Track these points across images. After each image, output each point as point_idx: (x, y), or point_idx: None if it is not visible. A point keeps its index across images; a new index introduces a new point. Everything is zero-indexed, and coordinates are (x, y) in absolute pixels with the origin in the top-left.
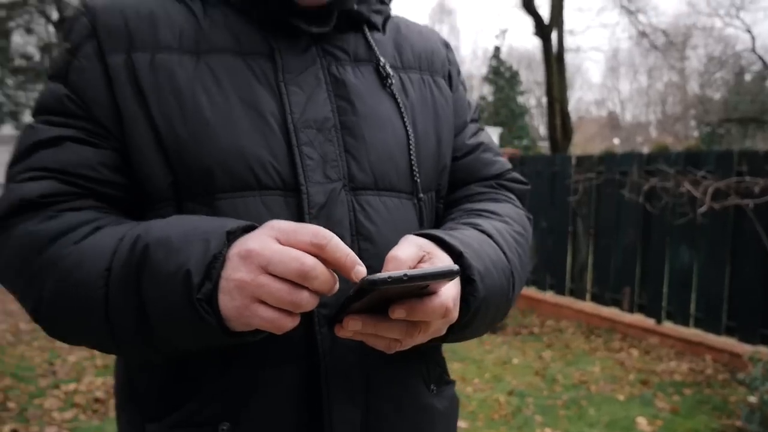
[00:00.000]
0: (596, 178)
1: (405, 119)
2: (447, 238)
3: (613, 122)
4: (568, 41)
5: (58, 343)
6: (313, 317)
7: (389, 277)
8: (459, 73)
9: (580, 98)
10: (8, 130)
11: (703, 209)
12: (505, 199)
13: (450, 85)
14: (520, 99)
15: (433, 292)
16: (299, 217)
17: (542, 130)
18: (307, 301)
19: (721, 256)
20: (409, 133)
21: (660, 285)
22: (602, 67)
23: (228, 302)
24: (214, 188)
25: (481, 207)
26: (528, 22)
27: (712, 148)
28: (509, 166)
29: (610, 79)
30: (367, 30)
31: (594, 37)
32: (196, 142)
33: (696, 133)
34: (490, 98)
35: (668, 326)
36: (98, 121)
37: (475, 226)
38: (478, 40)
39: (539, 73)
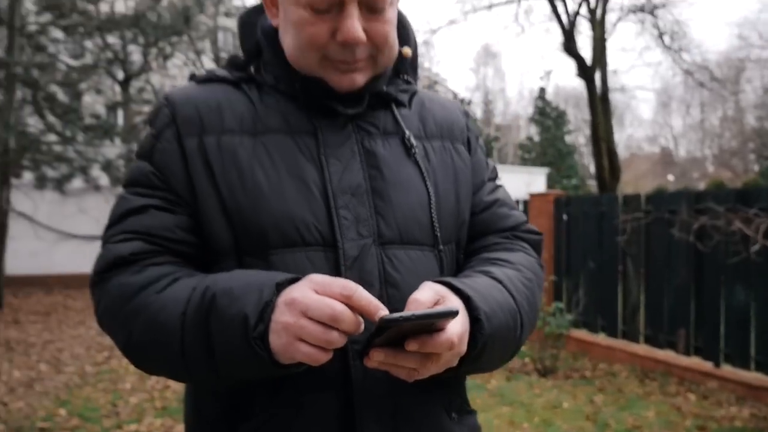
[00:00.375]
0: (644, 218)
1: (427, 183)
2: (458, 284)
3: (666, 158)
4: (613, 81)
5: (121, 385)
6: (347, 352)
7: (401, 317)
8: (477, 138)
9: (631, 135)
10: (78, 183)
11: (756, 248)
12: (518, 249)
13: (469, 149)
14: (568, 138)
15: (440, 329)
16: (336, 269)
17: (592, 168)
18: (337, 339)
19: None
20: (431, 194)
21: (717, 326)
22: (653, 104)
23: (276, 340)
24: (267, 246)
25: (496, 256)
26: (572, 62)
27: (763, 185)
28: (524, 218)
29: (661, 115)
30: (394, 107)
31: (640, 75)
32: (254, 209)
33: (756, 167)
34: (537, 138)
35: (727, 369)
36: (176, 192)
37: (487, 273)
38: (523, 81)
39: (588, 112)
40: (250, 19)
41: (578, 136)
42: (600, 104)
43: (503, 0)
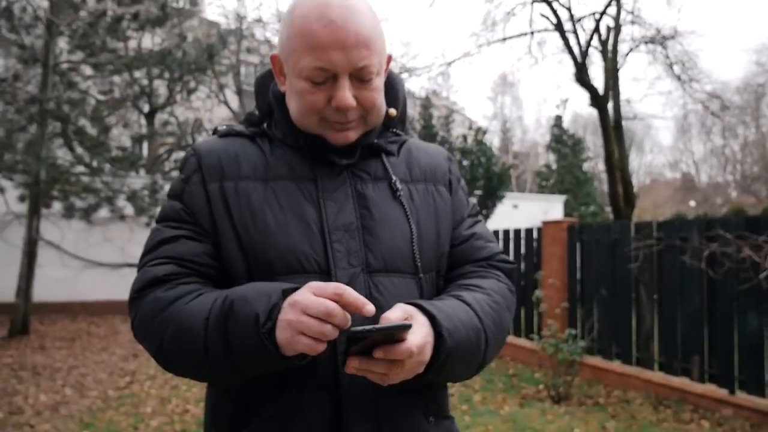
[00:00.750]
0: (656, 245)
1: (410, 220)
2: (425, 304)
3: (687, 184)
4: (626, 110)
5: (142, 409)
6: (338, 361)
7: (364, 329)
8: (459, 180)
9: (651, 162)
10: (104, 213)
11: (765, 274)
12: (491, 276)
13: (450, 190)
14: (586, 165)
15: (402, 340)
16: None
17: None
18: (330, 332)
19: None
20: (413, 230)
21: (730, 353)
22: (672, 130)
23: (281, 335)
24: (274, 272)
25: (469, 282)
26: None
27: None
28: (498, 250)
29: (681, 141)
30: (384, 156)
31: (654, 103)
32: (264, 245)
33: None
34: (554, 166)
35: (742, 396)
36: (201, 226)
37: (457, 297)
38: (541, 109)
39: None
40: (264, 83)
41: (597, 162)
42: (613, 133)
43: (516, 33)
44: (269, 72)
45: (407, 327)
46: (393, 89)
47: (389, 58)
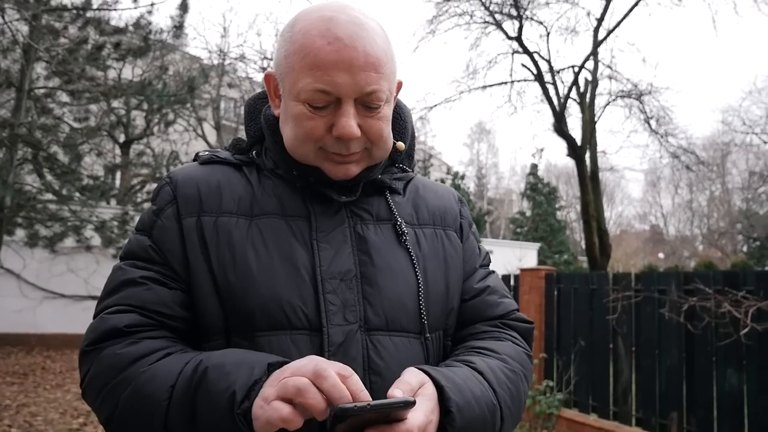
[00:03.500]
0: (635, 297)
1: (417, 269)
2: (433, 373)
3: (656, 236)
4: (602, 161)
5: None
6: None
7: (355, 407)
8: (471, 225)
9: (621, 213)
10: (70, 242)
11: (745, 331)
12: (506, 338)
13: (461, 236)
14: (559, 214)
15: (401, 419)
16: (320, 354)
17: (583, 244)
18: (313, 397)
19: None
20: (420, 282)
21: (710, 410)
22: (642, 183)
23: (258, 410)
24: (254, 327)
25: (482, 345)
26: (563, 142)
27: (752, 267)
28: (514, 306)
29: (651, 194)
30: (388, 194)
31: (629, 156)
32: (242, 289)
33: (744, 248)
34: (529, 213)
35: None
36: (172, 267)
37: (469, 364)
38: (516, 157)
39: (578, 188)
40: (255, 106)
41: (570, 212)
42: (590, 183)
43: (496, 81)
44: (262, 94)
45: (410, 404)
46: (401, 120)
47: (399, 84)
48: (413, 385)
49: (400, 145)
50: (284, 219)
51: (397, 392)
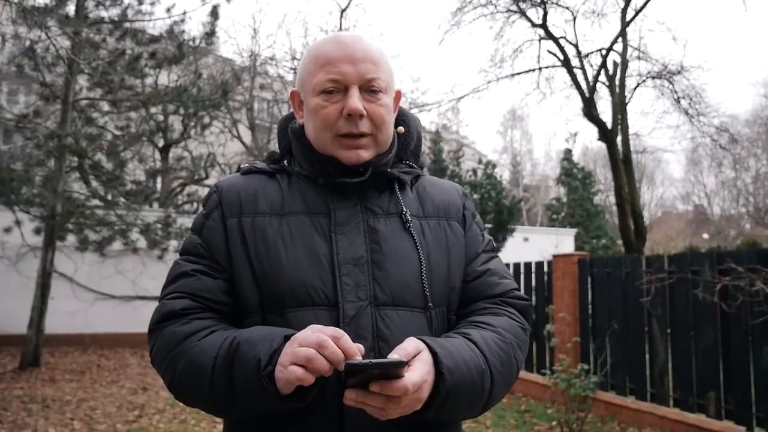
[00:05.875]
0: (668, 278)
1: (420, 253)
2: (429, 342)
3: (700, 217)
4: (635, 143)
5: None
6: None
7: (360, 362)
8: (474, 216)
9: (662, 194)
10: (117, 246)
11: None
12: (503, 314)
13: (464, 226)
14: (597, 199)
15: (400, 376)
16: (336, 325)
17: None
18: (320, 363)
19: None
20: (422, 264)
21: (747, 389)
22: (683, 162)
23: (278, 374)
24: (284, 305)
25: (480, 319)
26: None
27: None
28: (513, 286)
29: (692, 174)
30: (398, 190)
31: (663, 137)
32: (274, 275)
33: None
34: (564, 199)
35: None
36: (217, 261)
37: (464, 335)
38: (550, 143)
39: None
40: (285, 124)
41: (608, 196)
42: (622, 167)
43: (524, 69)
44: (290, 115)
45: (403, 364)
46: (405, 123)
47: (399, 95)
48: (409, 350)
49: (400, 129)
50: (308, 216)
51: (394, 355)
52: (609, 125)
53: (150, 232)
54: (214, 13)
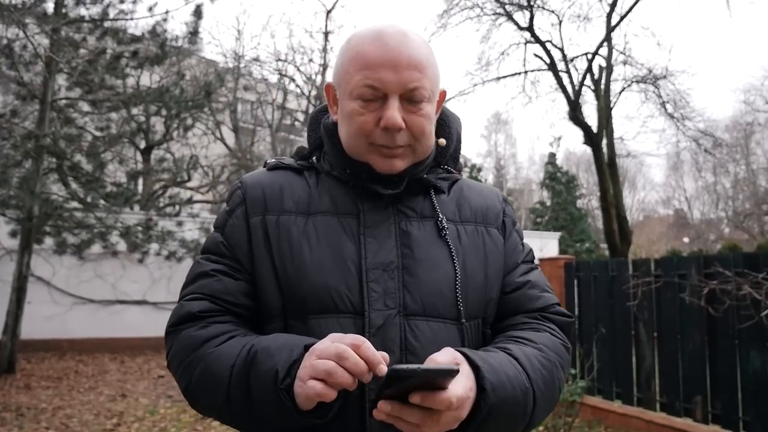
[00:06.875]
0: (655, 282)
1: (455, 261)
2: (471, 354)
3: (680, 221)
4: (619, 147)
5: None
6: (365, 410)
7: (408, 368)
8: (514, 223)
9: (644, 198)
10: (96, 249)
11: (766, 312)
12: (545, 330)
13: (504, 233)
14: (580, 202)
15: (443, 388)
16: (362, 335)
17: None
18: (341, 375)
19: None
20: (457, 272)
21: (734, 393)
22: (664, 167)
23: (297, 388)
24: (306, 311)
25: (520, 334)
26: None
27: None
28: (554, 300)
29: (673, 178)
30: (433, 193)
31: (648, 141)
32: (297, 278)
33: None
34: (548, 203)
35: None
36: (239, 260)
37: (505, 350)
38: (534, 147)
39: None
40: (317, 118)
41: (591, 199)
42: (607, 170)
43: (510, 72)
44: (323, 107)
45: (454, 372)
46: (446, 125)
47: (443, 94)
48: (440, 361)
49: (442, 141)
50: (336, 216)
51: (439, 359)
52: (594, 129)
53: (130, 235)
54: (198, 13)
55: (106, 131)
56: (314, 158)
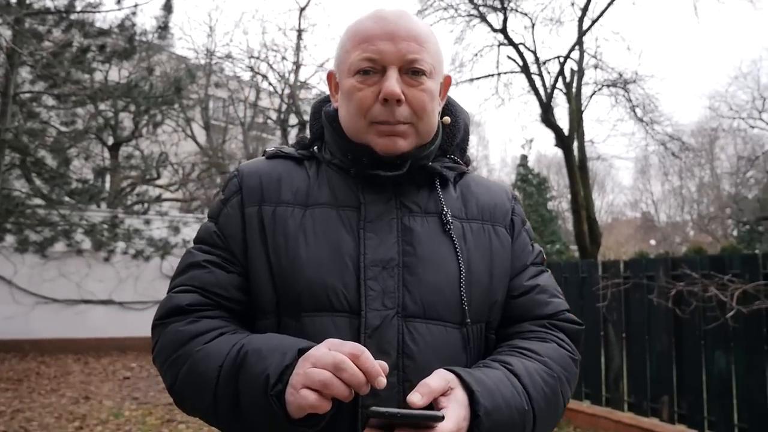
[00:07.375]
0: (623, 284)
1: (460, 260)
2: (465, 376)
3: (647, 223)
4: (590, 150)
5: None
6: (358, 419)
7: (387, 412)
8: (524, 223)
9: (612, 201)
10: (60, 247)
11: (731, 313)
12: (552, 339)
13: (512, 233)
14: (551, 204)
15: (431, 427)
16: (357, 335)
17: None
18: (337, 386)
19: (758, 361)
20: (462, 272)
21: (699, 393)
22: (632, 171)
23: (289, 396)
24: (300, 308)
25: (525, 346)
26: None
27: (740, 251)
28: (564, 307)
29: (641, 182)
30: (438, 187)
31: (617, 144)
32: (292, 272)
33: (735, 232)
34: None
35: None
36: (232, 252)
37: (506, 365)
38: (507, 149)
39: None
40: (318, 107)
41: (561, 201)
42: (578, 173)
43: (483, 74)
44: (326, 97)
45: (439, 419)
46: (453, 114)
47: (448, 80)
48: (433, 388)
49: (446, 119)
50: (336, 209)
51: (416, 396)
52: (566, 132)
53: (95, 233)
54: (168, 7)
55: (72, 126)
56: (315, 148)
